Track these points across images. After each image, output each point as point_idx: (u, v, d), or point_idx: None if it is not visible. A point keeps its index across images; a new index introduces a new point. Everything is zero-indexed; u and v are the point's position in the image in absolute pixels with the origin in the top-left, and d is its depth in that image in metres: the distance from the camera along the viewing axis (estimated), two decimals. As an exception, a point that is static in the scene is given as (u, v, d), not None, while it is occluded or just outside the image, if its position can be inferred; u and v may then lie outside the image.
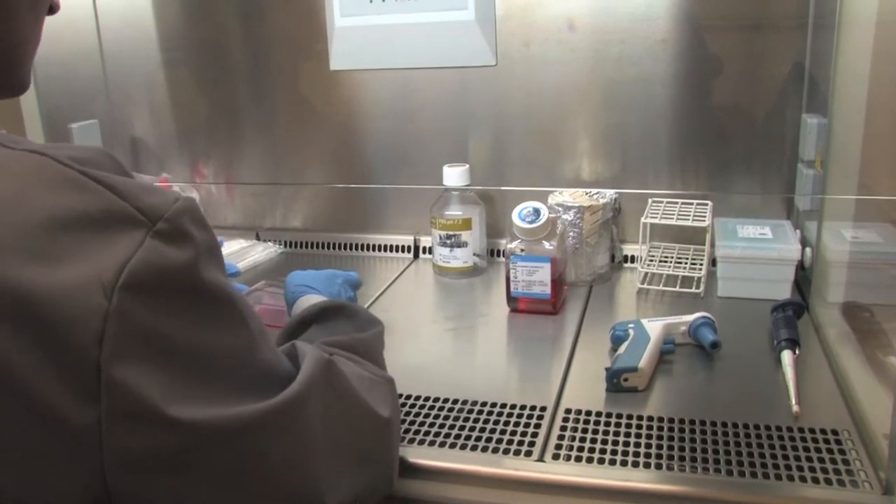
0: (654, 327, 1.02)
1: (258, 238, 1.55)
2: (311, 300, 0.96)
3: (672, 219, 1.22)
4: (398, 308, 1.24)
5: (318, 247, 1.53)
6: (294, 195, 1.55)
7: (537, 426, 0.87)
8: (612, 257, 1.32)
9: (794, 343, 1.00)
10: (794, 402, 0.88)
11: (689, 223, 1.20)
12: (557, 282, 1.16)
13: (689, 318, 1.05)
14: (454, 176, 1.31)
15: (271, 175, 1.55)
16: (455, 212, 1.32)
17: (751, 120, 1.28)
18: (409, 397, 0.93)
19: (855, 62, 1.04)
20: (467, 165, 1.33)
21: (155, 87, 1.57)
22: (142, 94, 1.58)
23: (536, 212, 1.13)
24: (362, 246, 1.51)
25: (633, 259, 1.34)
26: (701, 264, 1.24)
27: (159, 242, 0.49)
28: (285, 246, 1.54)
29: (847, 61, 1.07)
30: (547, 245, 1.14)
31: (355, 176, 1.50)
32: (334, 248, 1.52)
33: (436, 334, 1.14)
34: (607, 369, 0.94)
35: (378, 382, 0.73)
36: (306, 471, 0.58)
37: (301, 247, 1.54)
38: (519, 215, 1.14)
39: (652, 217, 1.22)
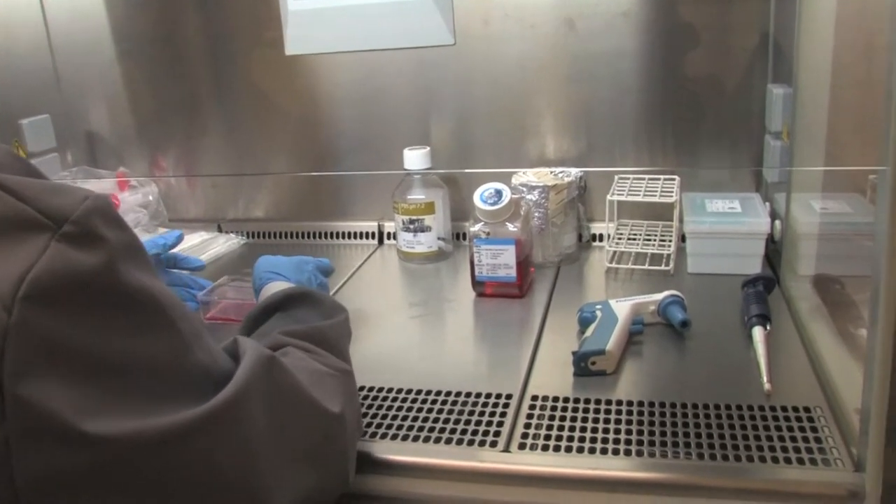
0: (623, 308, 1.00)
1: (220, 230, 1.51)
2: (277, 287, 0.92)
3: (639, 195, 1.19)
4: (362, 296, 1.21)
5: (281, 236, 1.50)
6: (256, 185, 1.51)
7: (503, 415, 0.84)
8: (580, 236, 1.30)
9: (764, 319, 0.97)
10: (765, 380, 0.86)
11: (656, 199, 1.17)
12: (523, 264, 1.13)
13: (658, 296, 1.02)
14: (415, 159, 1.28)
15: (232, 165, 1.51)
16: (417, 196, 1.28)
17: (717, 92, 1.26)
18: (371, 389, 0.90)
19: (818, 29, 1.02)
20: (428, 148, 1.29)
21: (109, 79, 1.52)
22: (96, 87, 1.53)
23: (498, 193, 1.10)
24: (326, 234, 1.47)
25: (601, 238, 1.32)
26: (670, 241, 1.21)
27: (66, 246, 0.46)
28: (248, 237, 1.50)
29: (811, 29, 1.04)
30: (511, 227, 1.11)
31: (317, 163, 1.46)
32: (298, 236, 1.49)
33: (400, 322, 1.11)
34: (574, 353, 0.92)
35: (330, 376, 0.70)
36: (247, 475, 0.55)
37: (264, 237, 1.50)
38: (480, 197, 1.11)
39: (618, 194, 1.20)
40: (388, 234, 1.43)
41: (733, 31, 1.23)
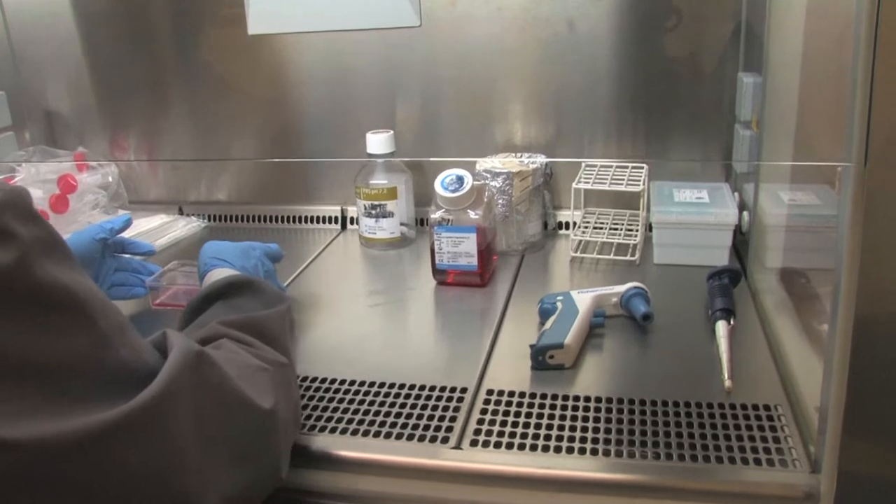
0: (584, 299, 0.97)
1: (181, 212, 1.47)
2: (221, 274, 0.89)
3: (605, 184, 1.16)
4: (322, 283, 1.18)
5: (243, 220, 1.46)
6: (219, 167, 1.48)
7: (456, 410, 0.82)
8: (545, 224, 1.27)
9: (728, 313, 0.95)
10: (726, 376, 0.84)
11: (622, 188, 1.15)
12: (485, 252, 1.10)
13: (621, 288, 1.00)
14: (378, 143, 1.25)
15: (195, 146, 1.47)
16: (380, 181, 1.25)
17: (689, 80, 1.23)
18: (322, 381, 0.88)
19: (789, 17, 0.99)
20: (391, 132, 1.26)
21: (69, 56, 1.47)
22: (55, 64, 1.49)
23: (460, 180, 1.08)
24: (289, 218, 1.44)
25: (567, 226, 1.29)
26: (636, 231, 1.19)
27: None
28: (210, 220, 1.47)
29: (782, 16, 1.01)
30: (472, 214, 1.08)
31: (281, 145, 1.42)
32: (260, 220, 1.45)
33: (358, 311, 1.08)
34: (532, 346, 0.89)
35: (263, 370, 0.67)
36: (171, 475, 0.52)
37: (226, 220, 1.47)
38: (441, 184, 1.08)
39: (585, 182, 1.17)
40: (352, 218, 1.40)
41: (707, 19, 1.20)
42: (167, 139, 1.48)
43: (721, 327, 0.93)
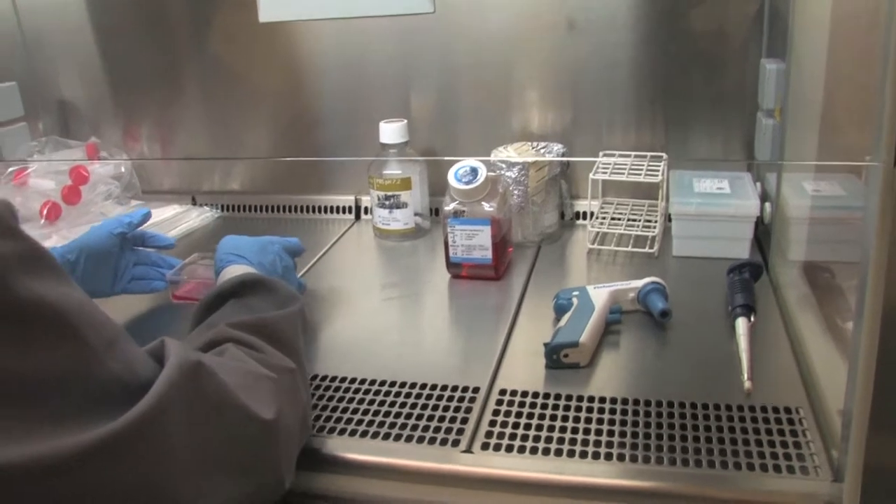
0: (600, 295, 0.95)
1: (194, 202, 1.46)
2: (236, 270, 0.88)
3: (623, 174, 1.13)
4: (334, 276, 1.16)
5: (257, 210, 1.45)
6: (233, 154, 1.46)
7: (468, 411, 0.80)
8: (562, 215, 1.25)
9: (749, 309, 0.93)
10: (745, 377, 0.81)
11: (641, 179, 1.12)
12: (500, 245, 1.08)
13: (638, 283, 0.97)
14: (391, 132, 1.23)
15: (208, 135, 1.45)
16: (393, 171, 1.23)
17: (709, 66, 1.20)
18: (332, 379, 0.86)
19: (815, 1, 0.95)
20: (405, 121, 1.24)
21: (81, 45, 1.46)
22: (67, 54, 1.48)
23: (474, 171, 1.05)
24: (303, 208, 1.42)
25: (584, 216, 1.27)
26: (655, 222, 1.16)
27: None
28: (223, 210, 1.45)
29: (807, 1, 0.98)
30: (487, 206, 1.06)
31: (294, 134, 1.41)
32: (274, 210, 1.44)
33: (371, 306, 1.06)
34: (546, 345, 0.87)
35: (266, 379, 0.65)
36: (164, 490, 0.50)
37: (240, 210, 1.45)
38: (455, 175, 1.05)
39: (602, 173, 1.14)
40: (366, 208, 1.38)
41: (728, 3, 1.17)
42: (180, 129, 1.46)
43: (741, 324, 0.90)
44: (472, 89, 1.29)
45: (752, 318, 0.92)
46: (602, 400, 0.80)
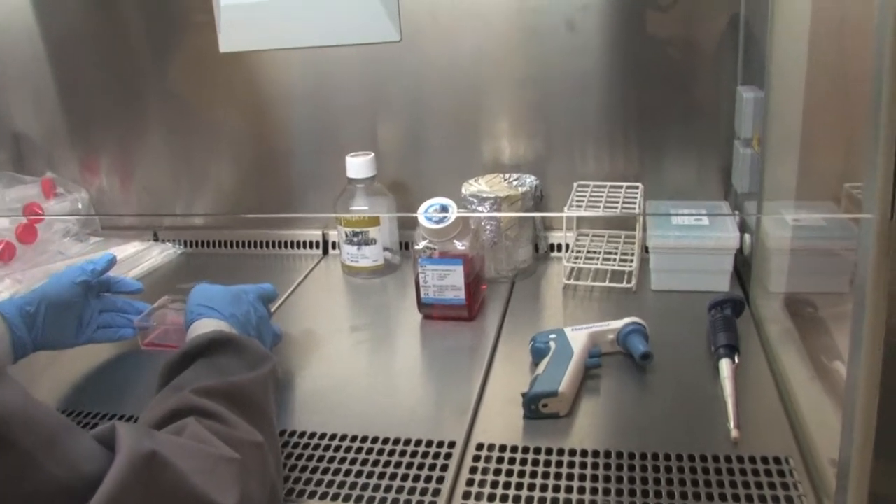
0: (579, 338, 0.91)
1: (156, 238, 1.41)
2: (207, 325, 0.83)
3: (599, 207, 1.10)
4: (301, 317, 1.12)
5: (221, 245, 1.40)
6: (195, 189, 1.41)
7: (444, 468, 0.76)
8: (536, 248, 1.21)
9: (732, 350, 0.89)
10: (732, 425, 0.78)
11: (617, 213, 1.08)
12: (473, 284, 1.04)
13: (618, 324, 0.94)
14: (358, 167, 1.18)
15: (170, 168, 1.40)
16: (361, 206, 1.19)
17: (683, 93, 1.17)
18: (301, 435, 0.82)
19: (793, 28, 0.93)
20: (372, 154, 1.20)
21: (35, 76, 1.41)
22: (19, 84, 1.43)
23: (444, 209, 1.01)
24: (269, 243, 1.37)
25: (559, 248, 1.23)
26: (632, 256, 1.13)
27: None
28: (186, 246, 1.40)
29: (784, 28, 0.95)
30: (459, 245, 1.02)
31: (259, 167, 1.36)
32: (239, 245, 1.39)
33: (339, 351, 1.02)
34: (524, 395, 0.83)
35: (228, 462, 0.60)
36: None
37: (204, 246, 1.40)
38: (424, 214, 1.02)
39: (577, 206, 1.11)
40: (333, 243, 1.33)
41: (701, 29, 1.14)
42: (140, 162, 1.41)
43: (725, 367, 0.87)
44: (442, 119, 1.26)
45: (736, 359, 0.88)
46: (584, 453, 0.77)
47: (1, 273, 1.23)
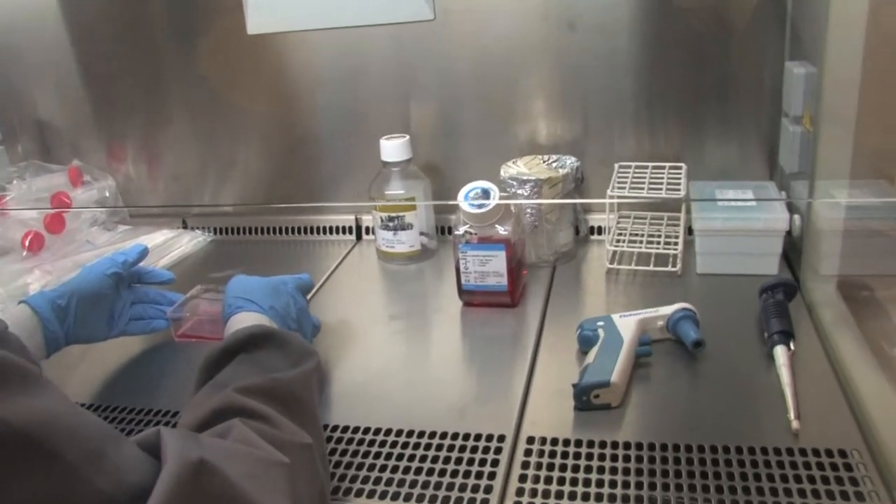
0: (628, 325, 0.89)
1: (185, 226, 1.39)
2: (246, 319, 0.81)
3: (642, 189, 1.07)
4: (336, 306, 1.09)
5: (251, 232, 1.37)
6: (223, 175, 1.39)
7: (495, 463, 0.73)
8: (577, 231, 1.18)
9: (787, 336, 0.86)
10: (792, 416, 0.75)
11: (662, 195, 1.05)
12: (515, 269, 1.01)
13: (667, 310, 0.91)
14: (393, 149, 1.16)
15: (197, 154, 1.38)
16: (396, 190, 1.16)
17: (725, 68, 1.13)
18: (344, 430, 0.79)
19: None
20: (407, 137, 1.17)
21: (60, 63, 1.38)
22: (45, 72, 1.40)
23: (486, 193, 0.98)
24: (300, 229, 1.35)
25: (600, 231, 1.20)
26: (676, 238, 1.10)
27: None
28: (215, 233, 1.38)
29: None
30: (501, 229, 0.99)
31: (288, 152, 1.33)
32: (270, 232, 1.37)
33: (378, 341, 0.99)
34: (575, 385, 0.80)
35: (278, 466, 0.58)
36: None
37: (233, 233, 1.38)
38: (465, 198, 0.99)
39: (619, 188, 1.08)
40: (367, 228, 1.31)
41: (742, 2, 1.10)
42: (167, 148, 1.39)
43: (781, 354, 0.84)
44: (476, 100, 1.22)
45: (792, 346, 0.85)
46: (638, 446, 0.74)
47: (30, 264, 1.21)
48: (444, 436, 0.78)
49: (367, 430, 0.79)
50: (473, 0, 1.16)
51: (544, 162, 1.13)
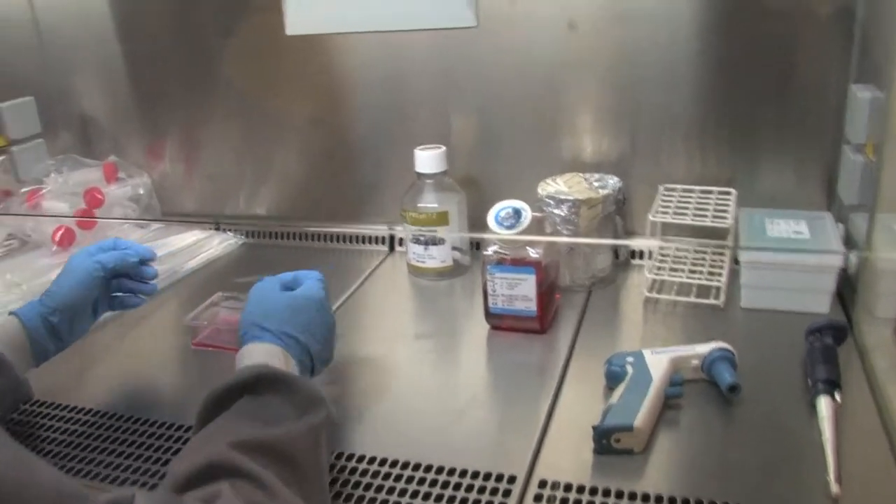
0: (659, 362, 0.83)
1: (217, 227, 1.36)
2: (256, 353, 0.74)
3: (687, 216, 1.01)
4: (361, 323, 1.05)
5: (283, 237, 1.34)
6: (259, 178, 1.36)
7: (501, 508, 0.68)
8: (616, 254, 1.12)
9: (832, 385, 0.79)
10: (832, 478, 0.68)
11: (707, 223, 0.99)
12: (546, 294, 0.96)
13: (703, 349, 0.84)
14: (427, 161, 1.11)
15: (235, 155, 1.35)
16: (429, 203, 1.11)
17: (785, 89, 1.06)
18: (348, 458, 0.75)
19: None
20: (443, 148, 1.12)
21: (103, 57, 1.37)
22: (88, 66, 1.40)
23: (517, 213, 0.93)
24: (332, 237, 1.31)
25: (641, 255, 1.14)
26: (721, 268, 1.03)
27: None
28: (247, 236, 1.35)
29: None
30: (532, 252, 0.94)
31: (326, 157, 1.30)
32: (302, 238, 1.33)
33: (397, 361, 0.95)
34: (595, 428, 0.75)
35: None
36: None
37: (264, 237, 1.35)
38: (495, 218, 0.94)
39: (662, 212, 1.01)
40: (400, 239, 1.26)
41: (806, 20, 1.02)
42: (205, 148, 1.37)
43: (824, 405, 0.77)
44: (518, 112, 1.17)
45: (838, 397, 0.78)
46: (658, 499, 0.68)
47: (58, 259, 1.20)
48: (451, 472, 0.73)
49: (372, 460, 0.75)
50: (518, 7, 1.11)
51: (586, 180, 1.07)
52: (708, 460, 0.74)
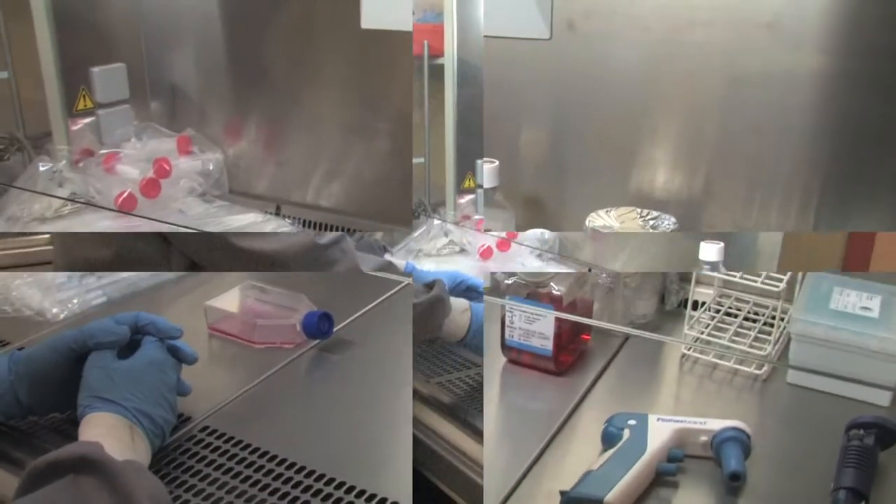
0: (660, 432, 0.74)
1: (278, 212, 1.35)
2: (96, 424, 0.69)
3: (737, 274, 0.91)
4: (374, 340, 0.98)
5: (338, 231, 1.31)
6: (331, 169, 1.33)
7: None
8: (663, 300, 1.02)
9: (858, 497, 0.68)
10: None
11: (757, 283, 0.88)
12: (567, 334, 0.89)
13: (715, 425, 0.75)
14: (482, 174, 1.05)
15: (309, 143, 1.33)
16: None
17: (887, 144, 0.93)
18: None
19: None
20: (496, 163, 1.06)
21: (203, 31, 1.37)
22: (187, 38, 1.40)
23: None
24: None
25: (695, 305, 1.04)
26: (772, 334, 0.92)
27: None
28: (304, 226, 1.33)
29: None
30: (555, 289, 0.86)
31: (396, 155, 1.25)
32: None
33: (406, 395, 0.88)
34: (563, 494, 0.67)
35: None
36: None
37: (321, 228, 1.32)
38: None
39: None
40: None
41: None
42: (282, 134, 1.35)
43: (840, 517, 0.67)
44: (587, 134, 1.09)
45: (859, 511, 0.68)
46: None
47: (118, 224, 1.21)
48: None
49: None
50: (591, 24, 1.03)
51: (641, 217, 0.99)
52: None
